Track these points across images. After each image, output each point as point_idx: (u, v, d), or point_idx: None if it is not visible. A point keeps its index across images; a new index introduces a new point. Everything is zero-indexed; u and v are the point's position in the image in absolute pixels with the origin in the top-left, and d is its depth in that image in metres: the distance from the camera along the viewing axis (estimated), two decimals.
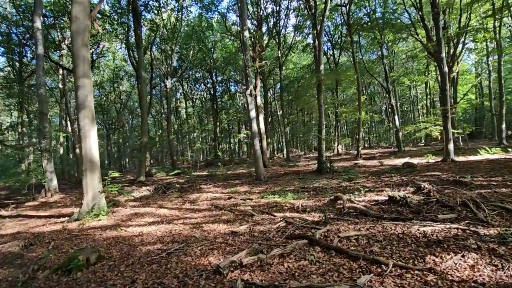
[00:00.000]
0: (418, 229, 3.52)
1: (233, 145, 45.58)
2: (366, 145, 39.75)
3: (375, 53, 33.65)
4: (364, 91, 37.69)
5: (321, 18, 12.86)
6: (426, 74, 31.43)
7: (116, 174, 7.96)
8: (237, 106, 40.22)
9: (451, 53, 19.79)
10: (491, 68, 27.21)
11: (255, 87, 18.87)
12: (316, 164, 16.55)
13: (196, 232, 4.61)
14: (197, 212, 6.27)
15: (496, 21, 19.57)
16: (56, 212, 8.01)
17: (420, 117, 41.25)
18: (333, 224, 4.20)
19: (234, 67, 29.41)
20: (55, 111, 32.60)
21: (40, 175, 11.23)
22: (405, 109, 47.98)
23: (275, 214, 5.29)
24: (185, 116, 43.22)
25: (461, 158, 11.83)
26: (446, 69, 12.45)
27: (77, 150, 22.99)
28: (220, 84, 36.36)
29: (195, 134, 42.89)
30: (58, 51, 22.11)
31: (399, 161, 13.96)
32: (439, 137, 14.95)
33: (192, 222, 5.33)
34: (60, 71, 24.20)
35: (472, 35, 19.09)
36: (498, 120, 21.20)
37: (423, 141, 39.62)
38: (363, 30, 21.09)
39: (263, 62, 19.68)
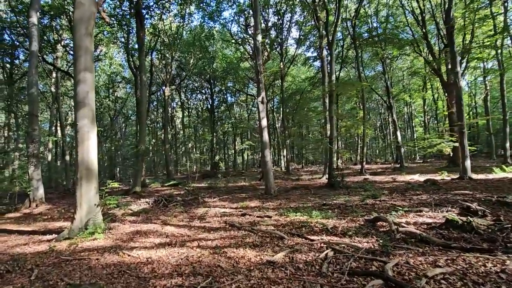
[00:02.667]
0: None
1: (227, 157, 44.50)
2: (361, 160, 38.98)
3: (372, 70, 34.00)
4: (361, 106, 37.76)
5: (333, 27, 12.49)
6: (425, 91, 31.70)
7: (116, 185, 6.99)
8: (234, 117, 39.64)
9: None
10: (488, 88, 27.56)
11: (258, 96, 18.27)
12: (323, 178, 15.84)
13: (220, 260, 3.72)
14: (211, 232, 5.36)
15: (498, 41, 19.80)
16: (41, 226, 6.93)
17: (415, 134, 41.68)
18: (395, 254, 3.39)
19: (234, 77, 28.93)
20: (45, 116, 31.25)
21: (25, 183, 10.08)
22: (400, 126, 48.35)
23: (310, 237, 4.45)
24: (180, 126, 42.30)
25: (479, 176, 11.29)
26: (461, 83, 12.13)
27: (67, 157, 21.68)
28: (217, 95, 35.82)
29: (190, 145, 41.98)
30: (52, 54, 21.25)
31: (410, 178, 13.39)
32: (451, 153, 14.49)
33: (210, 246, 4.42)
34: (54, 74, 23.24)
35: (476, 54, 19.10)
36: (502, 138, 21.14)
37: (417, 157, 39.62)
38: (367, 44, 21.02)
39: (267, 71, 19.25)
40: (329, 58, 12.12)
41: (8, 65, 21.09)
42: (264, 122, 9.88)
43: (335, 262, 3.31)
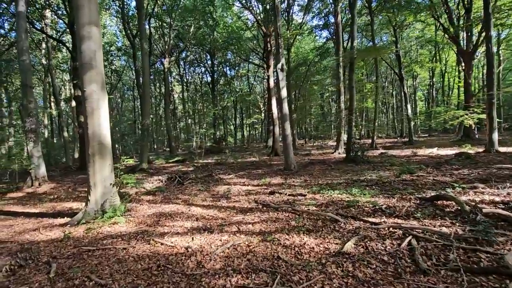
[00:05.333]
0: None
1: (226, 132, 43.63)
2: (364, 134, 38.16)
3: (380, 39, 32.26)
4: (366, 79, 36.58)
5: None
6: (435, 62, 30.39)
7: (131, 161, 6.28)
8: (235, 91, 38.24)
9: (474, 40, 18.67)
10: (502, 58, 26.47)
11: (267, 68, 17.15)
12: (336, 153, 15.27)
13: (276, 250, 3.10)
14: (246, 213, 4.74)
15: None
16: (49, 208, 6.29)
17: (417, 108, 41.01)
18: (498, 243, 2.78)
19: (236, 47, 27.21)
20: (38, 91, 29.72)
21: (25, 160, 9.33)
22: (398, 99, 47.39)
23: (368, 219, 3.84)
24: (177, 101, 40.91)
25: (508, 149, 10.74)
26: (494, 49, 11.16)
27: (65, 133, 20.77)
28: (216, 68, 34.13)
29: (189, 120, 41.05)
30: (40, 22, 19.48)
31: (429, 151, 12.87)
32: (473, 126, 13.83)
33: (253, 231, 3.81)
34: (43, 45, 21.64)
35: (500, 20, 17.73)
36: None
37: (419, 132, 39.21)
38: (382, 9, 19.43)
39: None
40: (340, 24, 10.90)
41: None
42: (284, 92, 9.00)
43: (426, 254, 2.70)
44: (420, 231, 3.23)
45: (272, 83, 16.40)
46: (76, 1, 4.39)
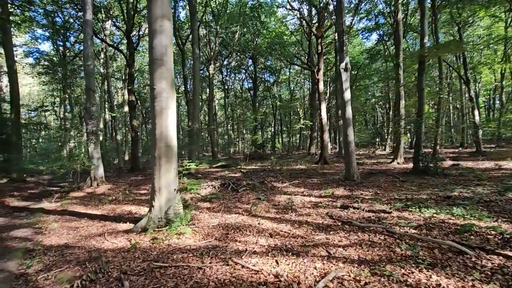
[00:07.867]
0: None
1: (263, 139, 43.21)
2: (435, 143, 34.42)
3: (432, 39, 29.39)
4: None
5: None
6: (506, 63, 26.64)
7: (193, 166, 5.95)
8: (275, 97, 37.78)
9: None
10: None
11: (318, 71, 16.32)
12: (394, 163, 13.79)
13: None
14: (329, 232, 3.99)
15: None
16: (109, 210, 6.19)
17: (477, 114, 36.44)
18: None
19: (280, 53, 26.77)
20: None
21: (87, 161, 9.69)
22: (457, 105, 42.61)
23: (502, 252, 2.87)
24: (218, 107, 41.72)
25: None
26: None
27: (118, 136, 22.01)
28: (258, 74, 34.00)
29: (229, 126, 41.72)
30: (100, 34, 21.06)
31: None
32: None
33: (350, 258, 3.06)
34: (102, 55, 23.34)
35: None
36: None
37: (480, 141, 34.58)
38: (447, 5, 17.45)
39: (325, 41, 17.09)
40: (400, 22, 9.66)
41: (61, 48, 21.43)
42: (347, 95, 8.14)
43: None
44: None
45: (321, 87, 15.52)
46: None
